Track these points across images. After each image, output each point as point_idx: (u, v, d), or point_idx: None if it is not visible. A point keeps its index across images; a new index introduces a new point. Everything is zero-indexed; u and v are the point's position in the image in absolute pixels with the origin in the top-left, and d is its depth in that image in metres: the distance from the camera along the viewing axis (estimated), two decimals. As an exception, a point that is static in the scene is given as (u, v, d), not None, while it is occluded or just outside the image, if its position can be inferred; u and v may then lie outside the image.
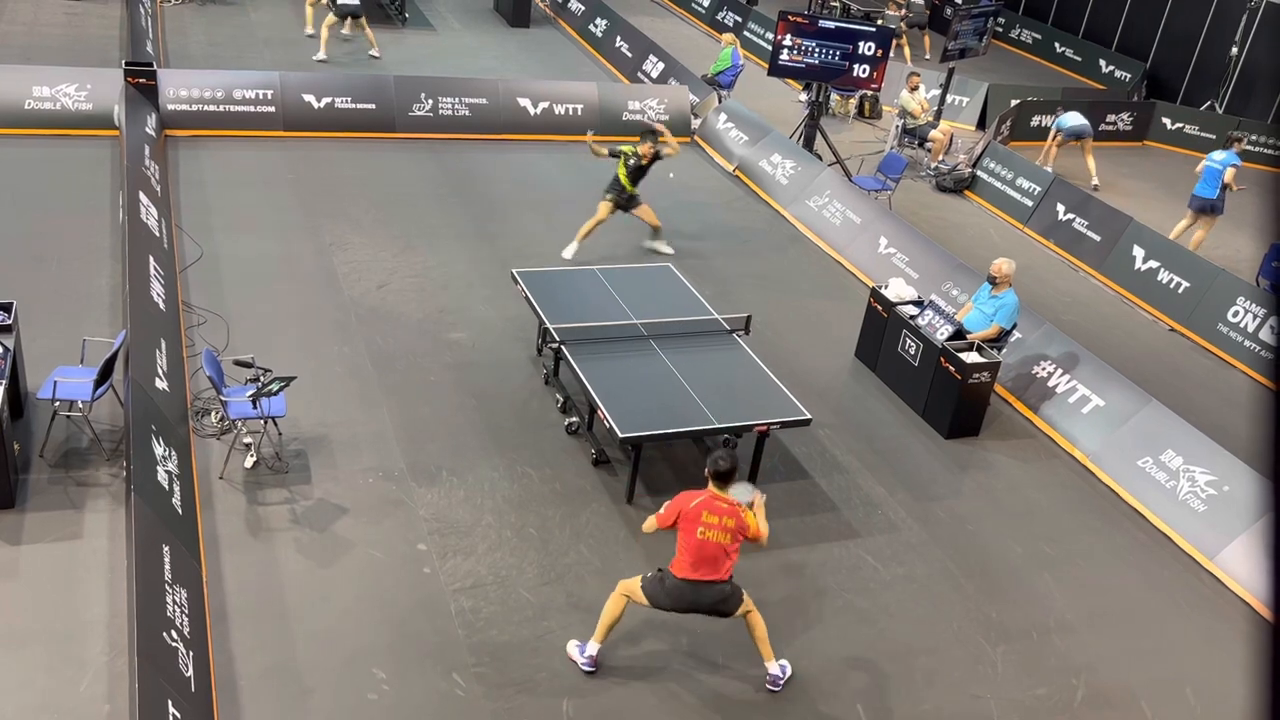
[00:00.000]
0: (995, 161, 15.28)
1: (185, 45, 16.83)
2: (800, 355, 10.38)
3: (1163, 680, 7.11)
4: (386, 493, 7.77)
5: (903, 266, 11.97)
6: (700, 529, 6.09)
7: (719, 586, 6.20)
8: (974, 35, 16.71)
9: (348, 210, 12.03)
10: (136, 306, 8.41)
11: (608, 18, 19.88)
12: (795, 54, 14.49)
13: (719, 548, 6.12)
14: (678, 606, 6.29)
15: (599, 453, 8.42)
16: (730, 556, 6.17)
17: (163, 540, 6.32)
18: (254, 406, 7.58)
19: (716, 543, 6.10)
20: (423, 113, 14.47)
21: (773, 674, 6.54)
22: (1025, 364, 10.18)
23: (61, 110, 12.90)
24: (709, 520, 6.09)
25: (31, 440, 7.68)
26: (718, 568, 6.15)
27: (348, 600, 6.76)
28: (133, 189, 10.42)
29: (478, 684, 6.30)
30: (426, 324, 10.01)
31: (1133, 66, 21.65)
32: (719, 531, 6.09)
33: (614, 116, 15.46)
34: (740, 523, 6.11)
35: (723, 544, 6.11)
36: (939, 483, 8.86)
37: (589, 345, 8.68)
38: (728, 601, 6.28)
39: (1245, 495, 8.28)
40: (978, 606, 7.53)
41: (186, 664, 5.71)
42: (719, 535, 6.09)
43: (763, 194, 14.21)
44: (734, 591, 6.30)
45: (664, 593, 6.26)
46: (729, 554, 6.16)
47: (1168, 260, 12.65)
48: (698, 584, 6.17)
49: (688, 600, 6.23)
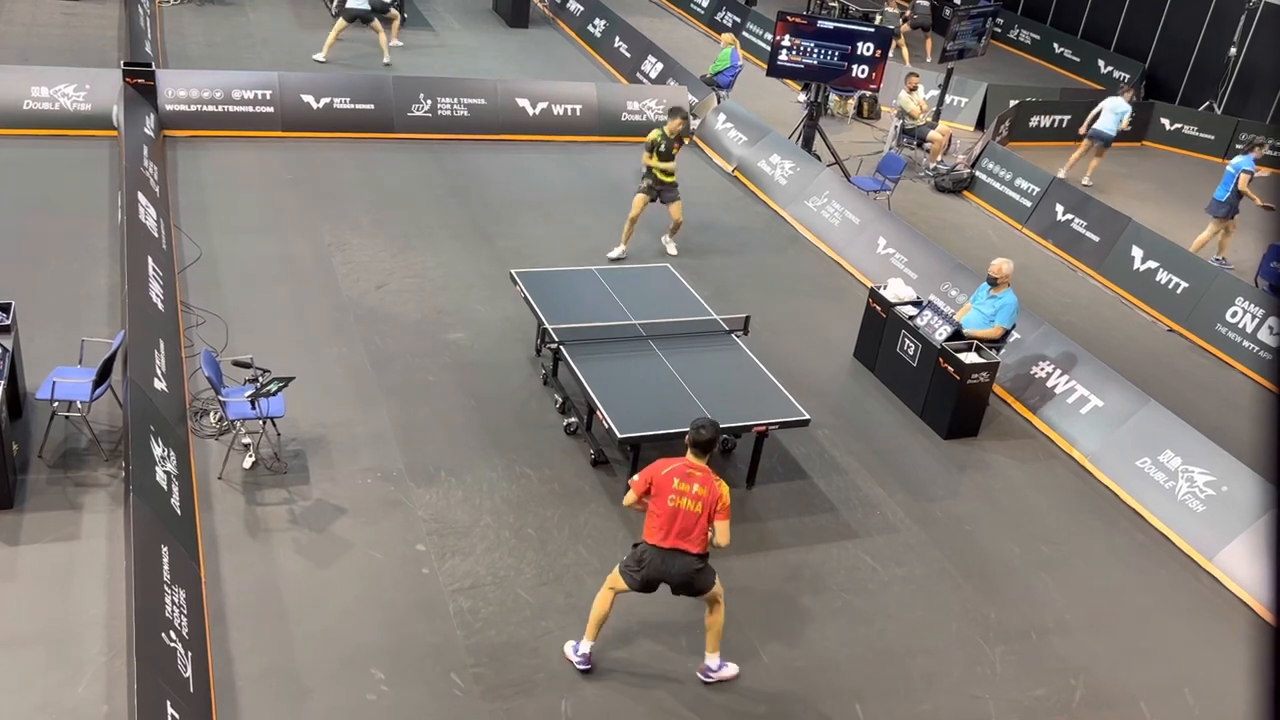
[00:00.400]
0: (994, 162, 15.28)
1: (184, 46, 16.83)
2: (799, 356, 10.38)
3: (1161, 681, 7.11)
4: (385, 493, 7.77)
5: (901, 267, 11.98)
6: (671, 496, 6.05)
7: (689, 558, 6.10)
8: (973, 35, 16.72)
9: (346, 211, 12.03)
10: (135, 307, 8.41)
11: (606, 18, 19.88)
12: (794, 54, 14.50)
13: (691, 516, 6.04)
14: (649, 576, 6.16)
15: (598, 453, 8.43)
16: (702, 528, 6.06)
17: (161, 541, 6.32)
18: (252, 407, 7.58)
19: (688, 510, 6.04)
20: (421, 113, 14.48)
21: (709, 665, 6.51)
22: (1024, 364, 10.19)
23: (60, 111, 12.90)
24: (680, 488, 6.04)
25: (30, 441, 7.68)
26: (688, 538, 6.07)
27: (346, 601, 6.76)
28: (131, 189, 10.42)
29: (476, 684, 6.30)
30: (425, 324, 10.01)
31: (1131, 67, 21.66)
32: (690, 500, 6.03)
33: (613, 117, 15.46)
34: (714, 493, 6.02)
35: (694, 513, 6.03)
36: (938, 483, 8.86)
37: (588, 346, 8.68)
38: (698, 577, 6.17)
39: (1244, 496, 8.29)
40: (976, 607, 7.53)
41: (185, 664, 5.71)
42: (690, 504, 6.03)
43: (761, 194, 14.21)
44: (705, 569, 6.19)
45: (635, 563, 6.18)
46: (700, 526, 6.05)
47: (1166, 261, 12.66)
48: (667, 552, 6.10)
49: (657, 568, 6.13)
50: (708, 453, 6.18)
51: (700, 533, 6.09)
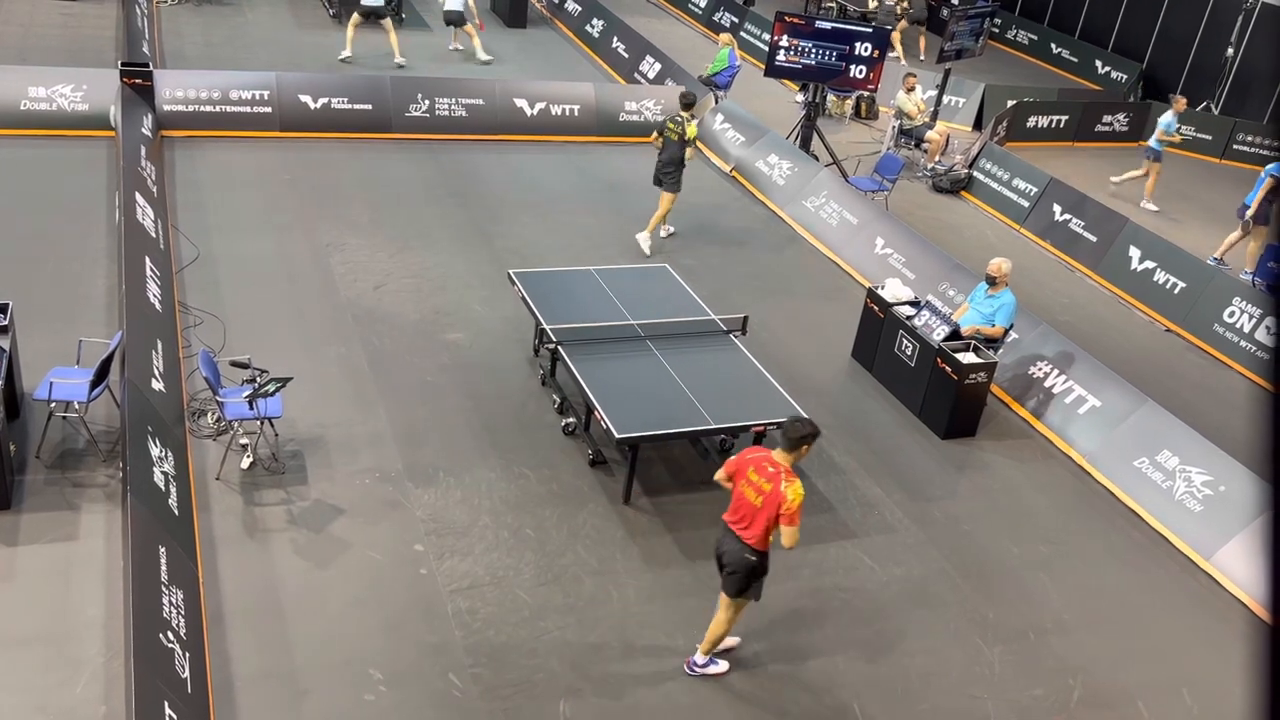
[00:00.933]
0: (991, 162, 15.29)
1: (181, 46, 16.82)
2: (797, 356, 10.38)
3: (1159, 680, 7.12)
4: (383, 494, 7.76)
5: (899, 267, 11.98)
6: (743, 482, 6.21)
7: (740, 546, 6.21)
8: (970, 36, 16.73)
9: (344, 211, 12.02)
10: (133, 307, 8.40)
11: (604, 18, 19.88)
12: (792, 55, 14.50)
13: (750, 508, 6.15)
14: (716, 550, 6.41)
15: (596, 453, 8.42)
16: (760, 523, 6.11)
17: (159, 541, 6.32)
18: (250, 407, 7.57)
19: (750, 501, 6.15)
20: (419, 113, 14.47)
21: (697, 660, 6.58)
22: (1022, 364, 10.19)
23: (57, 111, 12.88)
24: (752, 477, 6.17)
25: (27, 441, 7.67)
26: (746, 526, 6.19)
27: (344, 601, 6.76)
28: (129, 190, 10.41)
29: (475, 685, 6.30)
30: (423, 325, 10.01)
31: (1129, 67, 21.69)
32: (754, 492, 6.14)
33: (610, 117, 15.46)
34: (776, 494, 6.04)
35: (754, 505, 6.13)
36: (936, 483, 8.86)
37: (586, 346, 8.68)
38: (737, 571, 6.26)
39: (1241, 495, 8.30)
40: (974, 607, 7.54)
41: (183, 665, 5.71)
42: (753, 496, 6.14)
43: (759, 194, 14.22)
44: (749, 571, 6.23)
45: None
46: (759, 520, 6.12)
47: (1164, 261, 12.67)
48: (727, 528, 6.28)
49: (719, 542, 6.36)
50: (793, 449, 6.19)
51: (758, 527, 6.14)
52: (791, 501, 6.00)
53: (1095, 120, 18.51)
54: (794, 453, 6.17)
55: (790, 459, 6.16)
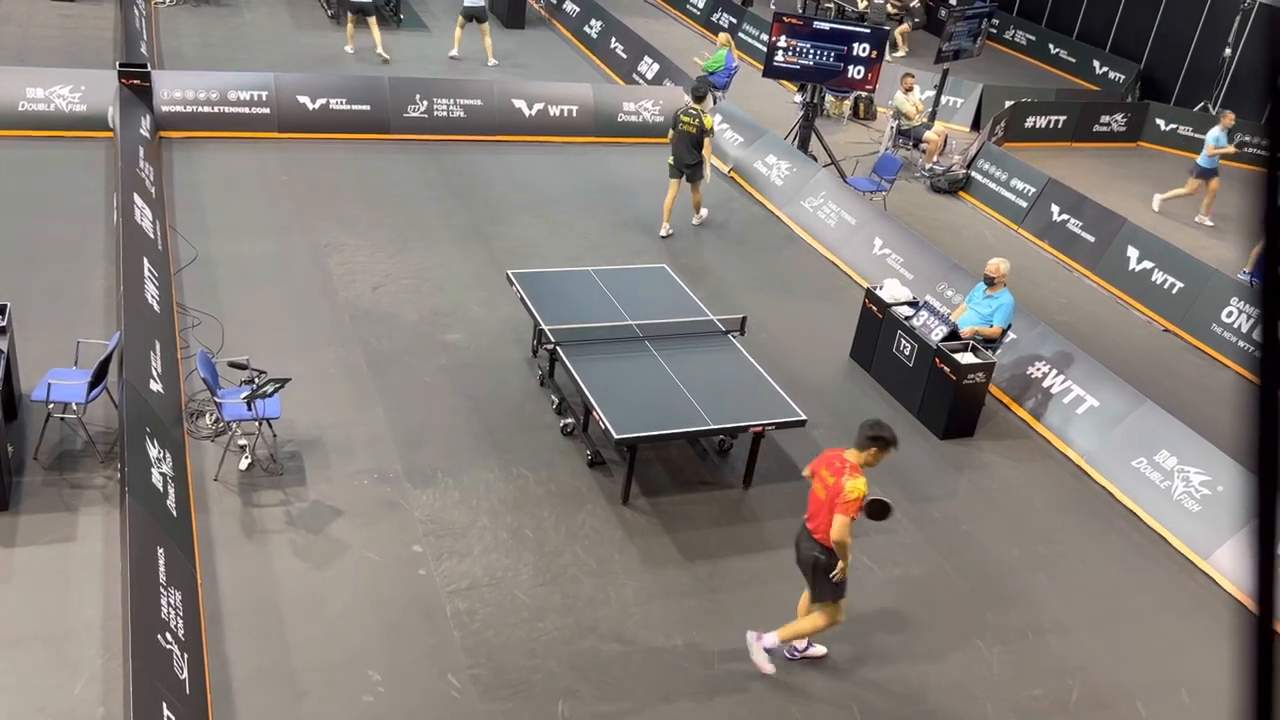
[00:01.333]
0: (990, 163, 15.30)
1: (180, 47, 16.81)
2: (795, 356, 10.38)
3: (1158, 680, 7.12)
4: (382, 494, 7.76)
5: (897, 267, 11.99)
6: (816, 480, 6.33)
7: (813, 542, 6.30)
8: (968, 36, 16.73)
9: (343, 212, 12.02)
10: (131, 308, 8.40)
11: (602, 19, 19.88)
12: (790, 55, 14.50)
13: (816, 501, 6.28)
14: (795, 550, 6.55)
15: (594, 454, 8.42)
16: (824, 516, 6.19)
17: (157, 542, 6.31)
18: (249, 408, 7.57)
19: (816, 495, 6.28)
20: (418, 114, 14.46)
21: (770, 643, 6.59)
22: (1020, 365, 10.20)
23: (55, 112, 12.87)
24: (822, 474, 6.28)
25: (25, 442, 7.67)
26: (814, 520, 6.29)
27: (343, 602, 6.76)
28: (127, 191, 10.40)
29: (473, 685, 6.30)
30: (422, 325, 10.00)
31: (1126, 68, 21.69)
32: (821, 485, 6.25)
33: (609, 118, 15.46)
34: (838, 485, 6.10)
35: (819, 499, 6.24)
36: (934, 484, 8.87)
37: (584, 346, 8.68)
38: (815, 571, 6.33)
39: (1239, 495, 8.30)
40: (973, 607, 7.54)
41: (181, 666, 5.71)
42: (820, 490, 6.26)
43: (758, 195, 14.22)
44: (825, 566, 6.25)
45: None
46: (822, 513, 6.20)
47: (1162, 261, 12.68)
48: (803, 527, 6.42)
49: (797, 541, 6.51)
50: (863, 449, 6.25)
51: (821, 520, 6.21)
52: (847, 491, 6.04)
53: (1093, 120, 18.52)
54: (864, 452, 6.25)
55: (861, 458, 6.23)
